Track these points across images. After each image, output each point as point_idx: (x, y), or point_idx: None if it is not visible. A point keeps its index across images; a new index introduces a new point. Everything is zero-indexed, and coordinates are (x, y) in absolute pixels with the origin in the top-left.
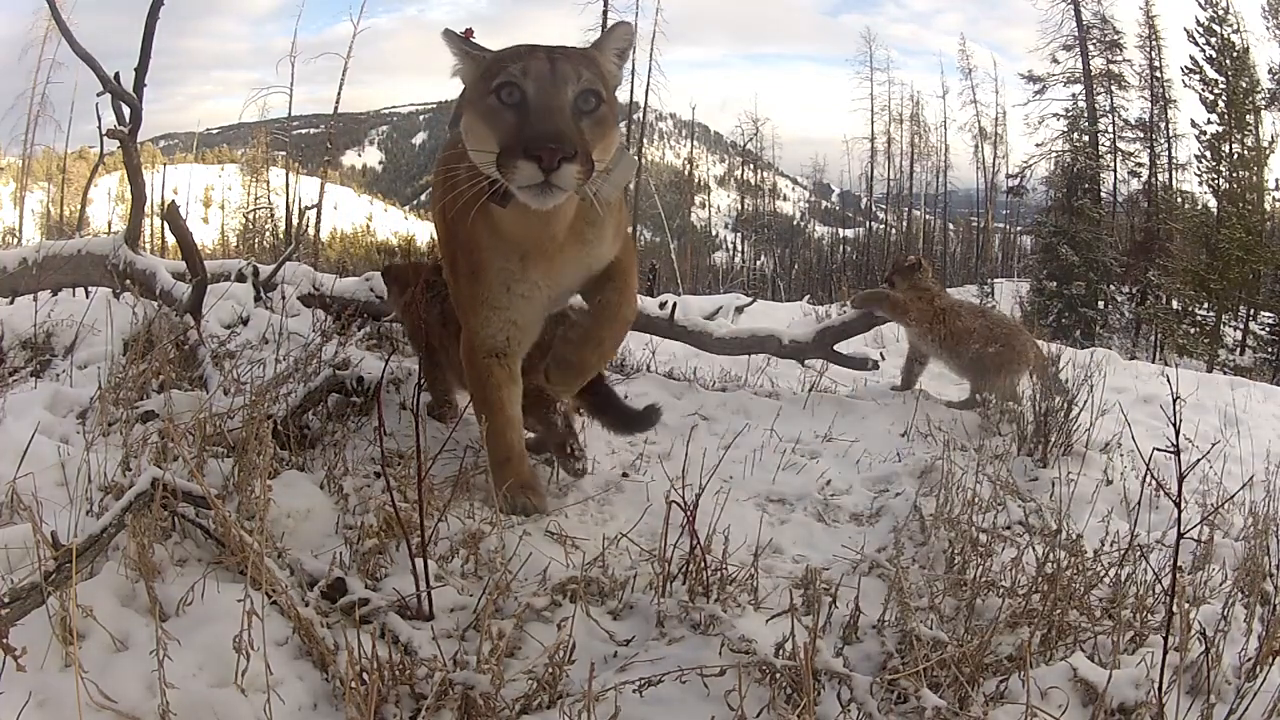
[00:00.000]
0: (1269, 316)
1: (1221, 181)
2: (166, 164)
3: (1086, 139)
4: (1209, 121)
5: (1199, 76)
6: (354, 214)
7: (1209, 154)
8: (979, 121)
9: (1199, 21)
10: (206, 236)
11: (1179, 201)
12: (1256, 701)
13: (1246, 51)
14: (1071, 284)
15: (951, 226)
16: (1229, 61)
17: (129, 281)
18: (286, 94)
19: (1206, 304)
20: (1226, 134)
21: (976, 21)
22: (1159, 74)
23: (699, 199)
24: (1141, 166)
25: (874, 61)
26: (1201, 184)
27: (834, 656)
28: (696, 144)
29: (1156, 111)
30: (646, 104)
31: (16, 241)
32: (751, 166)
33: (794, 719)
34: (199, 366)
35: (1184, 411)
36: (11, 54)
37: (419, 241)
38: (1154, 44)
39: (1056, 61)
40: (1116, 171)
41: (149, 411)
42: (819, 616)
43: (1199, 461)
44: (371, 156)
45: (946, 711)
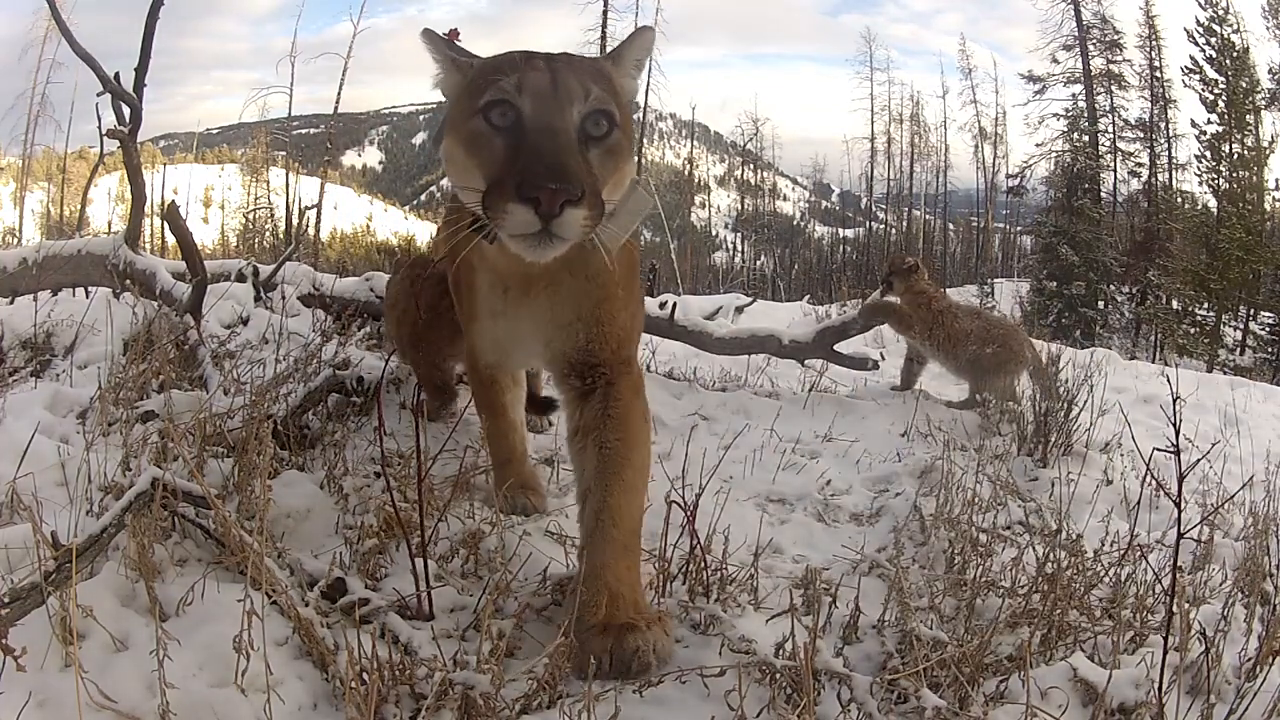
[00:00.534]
0: (1269, 316)
1: (1221, 181)
2: (166, 164)
3: (1086, 139)
4: (1209, 121)
5: (1199, 76)
6: (354, 214)
7: (1209, 154)
8: (979, 121)
9: (1199, 21)
10: (206, 236)
11: (1179, 201)
12: (1256, 701)
13: (1246, 51)
14: (1071, 284)
15: (951, 226)
16: (1229, 61)
17: (129, 281)
18: (286, 94)
19: (1206, 304)
20: (1226, 134)
21: (976, 21)
22: (1159, 74)
23: (699, 199)
24: (1141, 166)
25: (874, 61)
26: (1201, 184)
27: (834, 656)
28: (696, 144)
29: (1156, 111)
30: (647, 104)
31: (16, 241)
32: (751, 166)
33: (794, 719)
34: (199, 366)
35: (1184, 411)
36: (11, 54)
37: (419, 241)
38: (1154, 44)
39: (1056, 61)
40: (1116, 171)
41: (149, 411)
42: (819, 616)
43: (1199, 461)
44: (371, 156)
45: (946, 711)
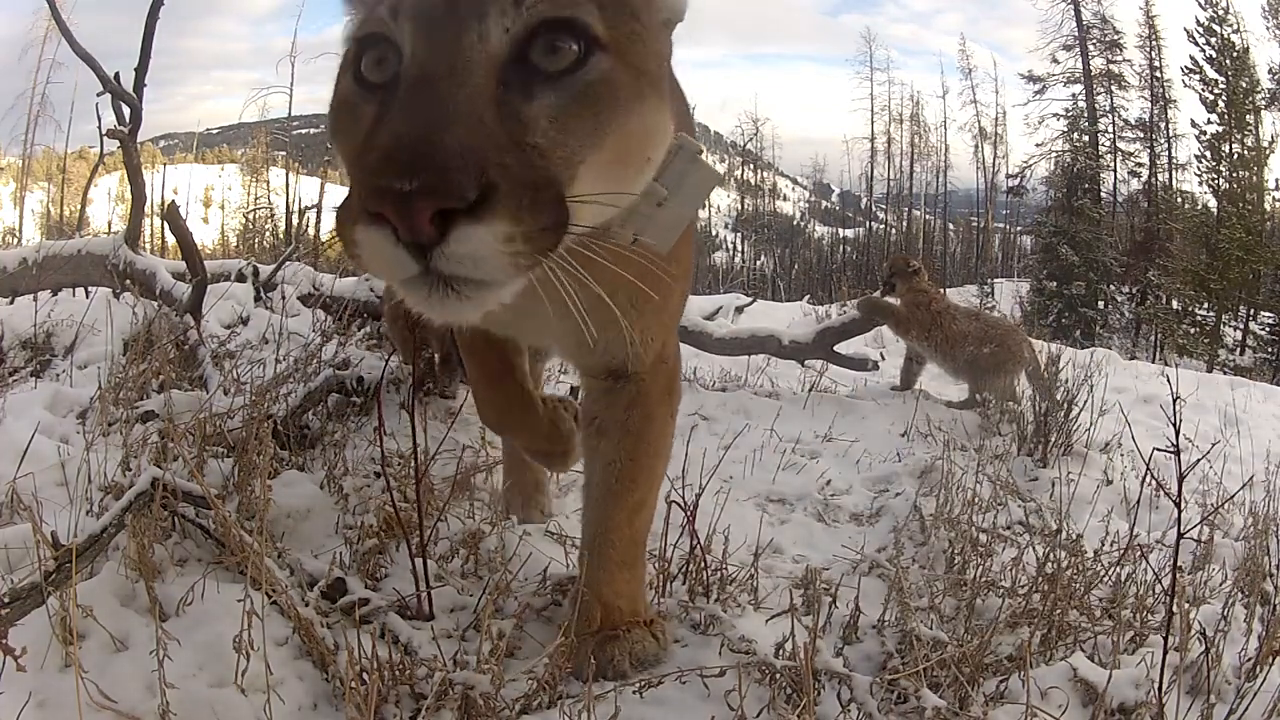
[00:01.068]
0: (1269, 316)
1: (1221, 181)
2: (166, 164)
3: (1086, 139)
4: (1209, 121)
5: (1199, 76)
6: None
7: (1209, 154)
8: (979, 121)
9: (1199, 21)
10: (206, 236)
11: (1179, 201)
12: (1256, 701)
13: (1246, 51)
14: (1071, 284)
15: (951, 226)
16: (1229, 61)
17: (129, 281)
18: (286, 94)
19: (1206, 304)
20: (1226, 134)
21: (976, 21)
22: (1159, 74)
23: None
24: (1141, 166)
25: (874, 61)
26: (1201, 184)
27: (834, 656)
28: None
29: (1156, 111)
30: None
31: (16, 241)
32: (751, 166)
33: (794, 719)
34: (199, 366)
35: (1184, 411)
36: (11, 54)
37: None
38: (1154, 44)
39: (1056, 61)
40: (1116, 171)
41: (149, 411)
42: (819, 616)
43: (1199, 461)
44: None
45: (946, 711)
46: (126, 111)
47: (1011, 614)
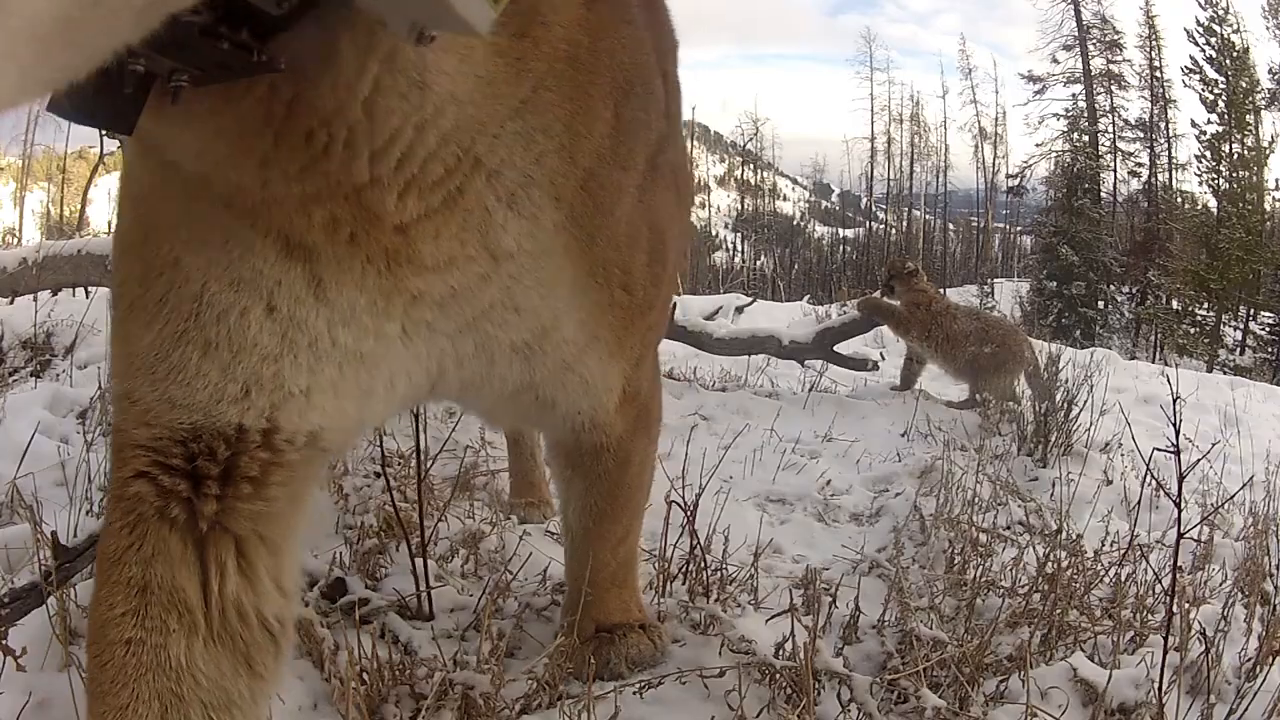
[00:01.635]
0: (1269, 316)
1: (1221, 181)
2: None
3: (1086, 139)
4: (1209, 121)
5: (1199, 76)
6: None
7: (1209, 154)
8: (979, 121)
9: (1199, 21)
10: None
11: (1179, 201)
12: (1256, 701)
13: (1246, 51)
14: (1071, 284)
15: (951, 226)
16: (1229, 61)
17: None
18: None
19: (1206, 304)
20: (1226, 134)
21: (976, 22)
22: (1159, 74)
23: (699, 199)
24: (1141, 166)
25: (874, 61)
26: (1201, 184)
27: (834, 656)
28: (696, 144)
29: (1156, 111)
30: None
31: (16, 241)
32: (751, 166)
33: (794, 719)
34: None
35: (1184, 411)
36: None
37: None
38: (1154, 44)
39: (1056, 61)
40: (1116, 171)
41: None
42: (819, 616)
43: (1199, 461)
44: None
45: (946, 711)
46: None
47: (1011, 614)
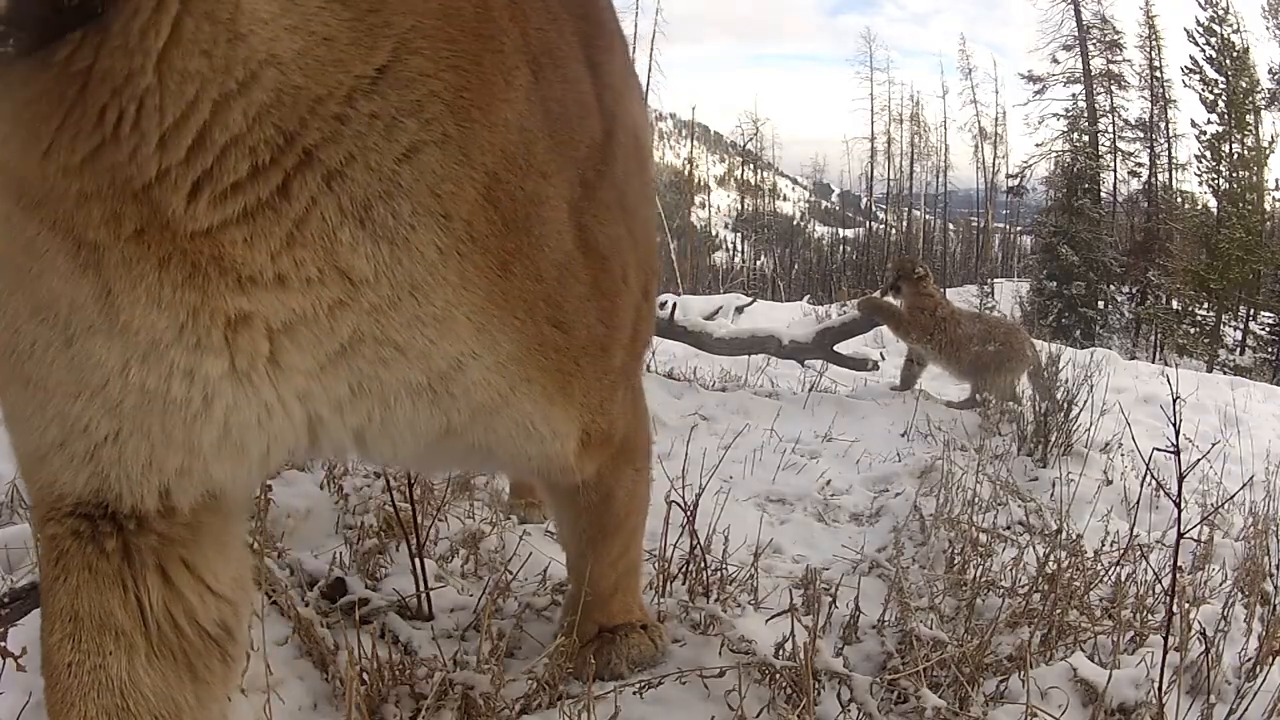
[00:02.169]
0: (1269, 316)
1: (1221, 181)
2: None
3: (1086, 139)
4: (1209, 121)
5: (1199, 76)
6: None
7: (1209, 154)
8: (979, 121)
9: (1199, 21)
10: None
11: (1179, 201)
12: (1256, 701)
13: (1246, 51)
14: (1071, 284)
15: (951, 226)
16: (1229, 61)
17: None
18: None
19: (1206, 304)
20: (1226, 134)
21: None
22: (1159, 74)
23: (699, 199)
24: (1141, 166)
25: (874, 61)
26: (1201, 184)
27: (834, 656)
28: (696, 144)
29: (1156, 111)
30: (647, 104)
31: None
32: (751, 166)
33: (794, 719)
34: None
35: (1184, 411)
36: None
37: None
38: (1154, 44)
39: (1056, 61)
40: (1116, 171)
41: None
42: (819, 616)
43: (1199, 461)
44: None
45: (946, 711)
46: None
47: (1011, 614)
